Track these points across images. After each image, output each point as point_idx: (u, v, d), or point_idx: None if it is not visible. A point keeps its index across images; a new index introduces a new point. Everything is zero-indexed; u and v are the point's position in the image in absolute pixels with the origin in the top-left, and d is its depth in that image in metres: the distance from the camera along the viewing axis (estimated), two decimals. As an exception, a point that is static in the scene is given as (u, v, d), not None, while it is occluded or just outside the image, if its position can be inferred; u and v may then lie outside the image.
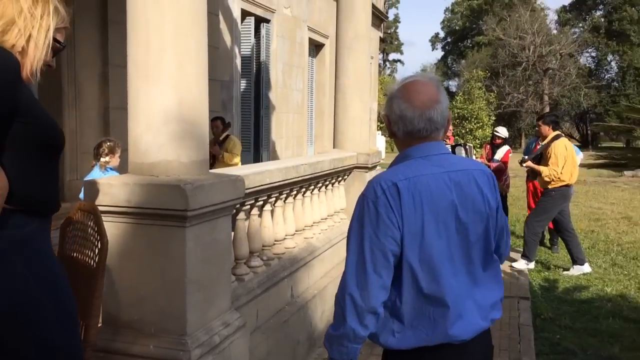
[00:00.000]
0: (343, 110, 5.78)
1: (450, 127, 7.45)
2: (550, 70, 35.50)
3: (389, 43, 62.40)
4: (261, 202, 3.76)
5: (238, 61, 9.52)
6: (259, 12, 10.11)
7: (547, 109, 35.58)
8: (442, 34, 58.47)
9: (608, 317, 5.25)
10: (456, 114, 24.59)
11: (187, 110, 2.61)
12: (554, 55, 34.97)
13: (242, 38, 9.75)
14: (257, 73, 10.49)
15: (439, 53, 66.77)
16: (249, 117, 10.11)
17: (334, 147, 5.95)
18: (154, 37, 2.54)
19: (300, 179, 4.24)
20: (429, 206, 1.70)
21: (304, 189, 4.51)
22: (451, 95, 35.79)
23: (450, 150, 7.19)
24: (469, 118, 24.22)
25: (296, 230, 4.50)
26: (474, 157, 7.39)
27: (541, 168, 6.68)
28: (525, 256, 6.83)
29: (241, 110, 9.75)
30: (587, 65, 41.40)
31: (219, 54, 8.76)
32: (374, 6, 16.98)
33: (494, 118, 24.46)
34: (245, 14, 9.69)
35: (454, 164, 1.80)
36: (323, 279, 4.72)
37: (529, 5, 40.16)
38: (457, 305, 1.72)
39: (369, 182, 1.80)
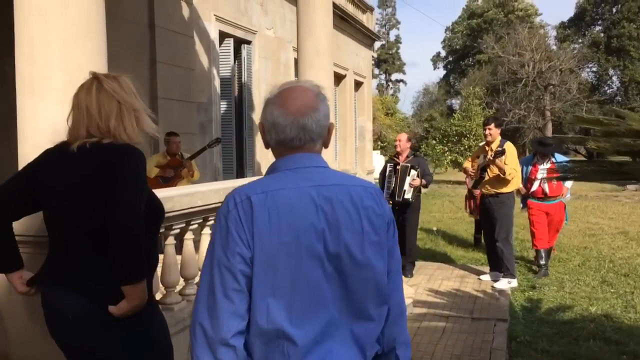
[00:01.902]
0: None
1: (402, 144, 7.14)
2: (551, 86, 35.25)
3: (391, 63, 62.63)
4: (196, 225, 3.53)
5: (217, 83, 9.38)
6: (239, 33, 10.00)
7: (550, 125, 35.27)
8: (443, 53, 58.56)
9: (589, 339, 4.94)
10: (454, 132, 24.34)
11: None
12: (554, 71, 34.73)
13: (220, 59, 9.62)
14: (240, 94, 10.35)
15: (441, 72, 66.88)
16: (231, 139, 9.94)
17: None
18: (39, 52, 2.35)
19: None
20: (288, 224, 1.46)
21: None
22: (452, 112, 35.59)
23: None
24: (467, 135, 23.96)
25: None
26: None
27: (504, 167, 6.34)
28: (509, 274, 6.54)
29: (222, 131, 9.58)
30: (589, 80, 41.13)
31: (195, 75, 8.63)
32: (363, 26, 16.96)
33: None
34: (224, 35, 9.58)
35: (327, 178, 1.55)
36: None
37: (527, 23, 40.18)
38: (315, 342, 1.47)
39: (226, 196, 1.57)
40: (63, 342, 2.08)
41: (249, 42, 10.37)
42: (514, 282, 6.57)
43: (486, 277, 6.81)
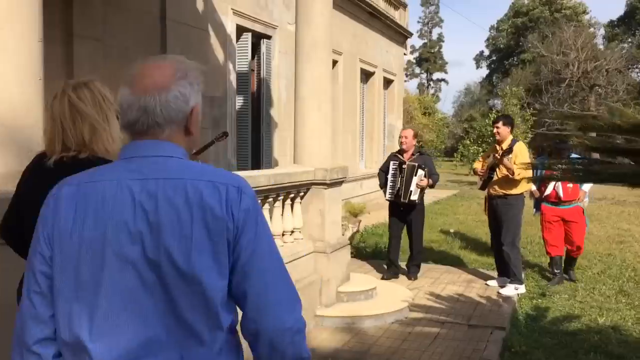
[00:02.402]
0: (301, 122, 5.44)
1: (408, 141, 6.82)
2: (597, 87, 34.03)
3: (433, 62, 61.84)
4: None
5: (233, 77, 9.31)
6: (259, 28, 9.91)
7: (594, 127, 34.08)
8: (486, 52, 57.41)
9: (589, 352, 4.65)
10: (489, 132, 23.72)
11: (4, 113, 2.33)
12: (600, 72, 33.49)
13: (238, 54, 9.56)
14: (258, 89, 10.27)
15: (484, 71, 65.46)
16: (246, 134, 9.87)
17: (294, 162, 5.60)
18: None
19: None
20: (94, 221, 1.27)
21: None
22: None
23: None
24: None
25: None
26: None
27: (513, 167, 5.99)
28: (516, 280, 6.24)
29: (237, 126, 9.52)
30: (638, 81, 39.57)
31: (208, 70, 8.55)
32: (395, 23, 16.65)
33: (530, 136, 23.45)
34: (241, 29, 9.51)
35: (163, 171, 1.30)
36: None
37: (574, 21, 38.89)
38: None
39: None
40: None
41: (269, 37, 10.27)
42: (522, 289, 6.26)
43: (493, 283, 6.52)
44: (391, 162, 6.75)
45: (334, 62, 13.27)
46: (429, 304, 5.86)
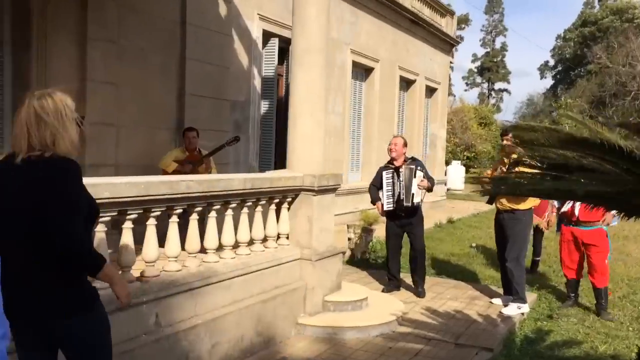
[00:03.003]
0: (292, 127, 5.40)
1: (398, 149, 6.54)
2: (666, 101, 32.27)
3: (495, 72, 60.38)
4: (108, 218, 3.45)
5: (257, 82, 9.37)
6: (287, 33, 9.93)
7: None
8: (551, 62, 55.56)
9: (575, 381, 4.35)
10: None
11: None
12: (669, 85, 31.74)
13: (265, 59, 9.62)
14: (286, 94, 10.28)
15: (548, 82, 63.18)
16: (270, 138, 9.89)
17: (286, 167, 5.55)
18: None
19: (183, 196, 3.91)
20: None
21: (199, 208, 4.16)
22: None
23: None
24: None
25: (190, 253, 4.16)
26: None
27: None
28: (519, 298, 5.95)
29: (261, 130, 9.58)
30: None
31: (231, 74, 8.66)
32: (440, 31, 16.35)
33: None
34: (268, 35, 9.56)
35: None
36: (225, 307, 4.30)
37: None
38: None
39: None
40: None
41: (298, 43, 10.27)
42: (525, 308, 5.96)
43: (498, 301, 6.24)
44: (384, 173, 6.46)
45: (370, 70, 13.16)
46: (422, 319, 5.66)
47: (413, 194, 6.30)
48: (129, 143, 7.08)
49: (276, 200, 5.08)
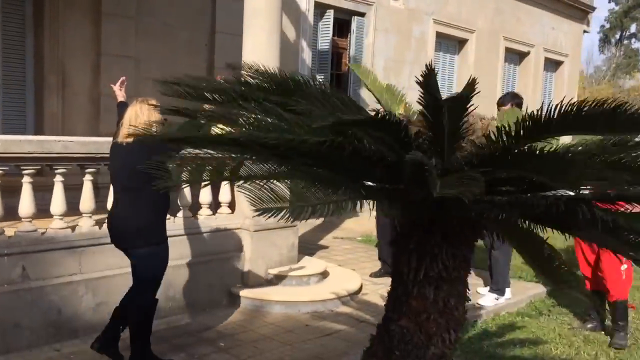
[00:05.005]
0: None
1: None
2: None
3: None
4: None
5: (307, 55, 9.24)
6: (350, 5, 9.64)
7: None
8: None
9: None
10: None
11: None
12: None
13: (321, 32, 9.46)
14: (348, 68, 10.01)
15: None
16: (324, 114, 9.71)
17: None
18: None
19: (55, 156, 4.04)
20: None
21: (91, 169, 4.27)
22: None
23: None
24: None
25: (84, 213, 4.30)
26: None
27: None
28: (497, 290, 5.21)
29: (313, 106, 9.45)
30: None
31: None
32: (570, -3, 14.51)
33: None
34: (322, 6, 9.35)
35: None
36: (114, 270, 4.33)
37: None
38: None
39: None
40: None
41: (362, 15, 9.92)
42: (502, 300, 5.18)
43: (484, 290, 5.50)
44: None
45: (464, 41, 12.20)
46: (375, 301, 5.20)
47: None
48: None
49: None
